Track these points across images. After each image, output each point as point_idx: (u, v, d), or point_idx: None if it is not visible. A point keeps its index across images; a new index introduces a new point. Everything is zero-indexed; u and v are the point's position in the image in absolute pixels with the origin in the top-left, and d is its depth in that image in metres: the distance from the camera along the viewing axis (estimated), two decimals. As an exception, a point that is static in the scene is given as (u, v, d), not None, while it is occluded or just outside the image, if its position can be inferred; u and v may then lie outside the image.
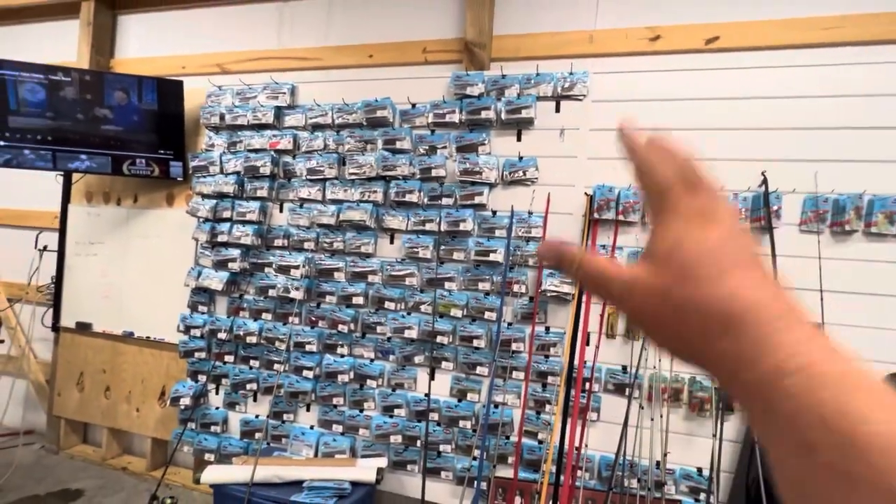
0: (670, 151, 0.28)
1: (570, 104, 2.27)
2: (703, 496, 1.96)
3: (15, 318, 3.36)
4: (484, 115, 2.28)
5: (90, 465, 2.97)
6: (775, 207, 1.96)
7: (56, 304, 3.10)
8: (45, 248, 3.07)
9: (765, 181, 1.98)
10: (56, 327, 3.12)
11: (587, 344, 2.18)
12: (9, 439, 3.13)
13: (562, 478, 2.00)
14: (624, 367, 2.15)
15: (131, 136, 2.72)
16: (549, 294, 2.15)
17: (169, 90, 2.73)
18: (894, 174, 1.90)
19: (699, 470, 2.02)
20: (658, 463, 2.01)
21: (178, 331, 2.76)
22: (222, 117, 2.74)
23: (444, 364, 2.36)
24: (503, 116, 2.27)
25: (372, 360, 2.49)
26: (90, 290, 3.05)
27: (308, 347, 2.53)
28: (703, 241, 0.26)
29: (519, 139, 2.34)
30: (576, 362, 2.11)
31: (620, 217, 2.11)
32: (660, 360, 1.98)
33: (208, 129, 2.81)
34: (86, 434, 3.24)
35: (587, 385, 2.07)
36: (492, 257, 2.26)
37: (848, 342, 0.21)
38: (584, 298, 2.13)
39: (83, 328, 3.04)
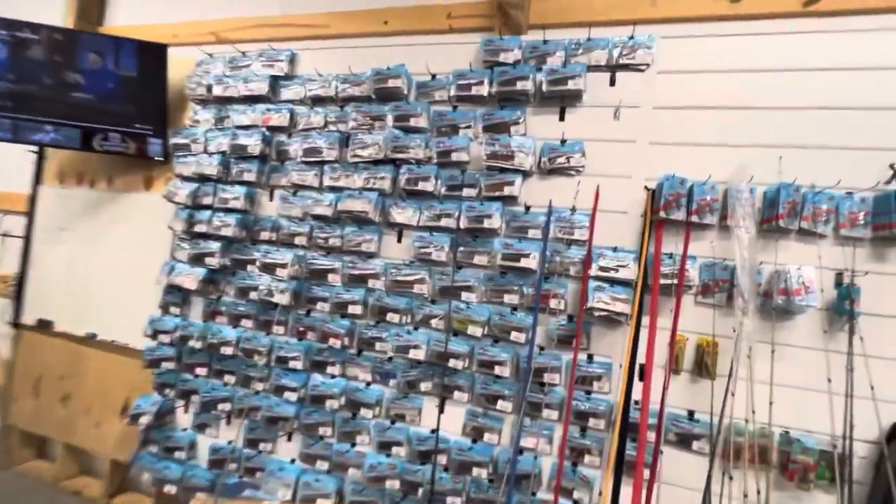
0: None
1: (629, 76, 1.82)
2: None
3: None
4: (520, 86, 1.84)
5: (40, 486, 2.56)
6: (911, 210, 1.46)
7: (18, 296, 2.73)
8: (5, 235, 2.71)
9: (895, 175, 1.49)
10: (16, 323, 2.74)
11: (640, 379, 1.69)
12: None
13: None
14: (691, 413, 1.65)
15: (105, 105, 2.34)
16: (595, 313, 1.67)
17: (151, 55, 2.36)
18: None
19: (794, 559, 1.50)
20: (739, 547, 1.50)
21: (144, 335, 2.34)
22: (210, 89, 2.35)
23: (456, 394, 1.89)
24: (544, 89, 1.82)
25: (368, 384, 2.03)
26: (55, 283, 2.67)
27: (292, 364, 2.08)
28: None
29: (562, 118, 1.89)
30: (633, 402, 1.62)
31: (694, 217, 1.63)
32: (753, 413, 1.46)
33: (194, 102, 2.43)
34: (42, 448, 2.83)
35: (643, 433, 1.56)
36: (523, 263, 1.79)
37: None
38: (643, 320, 1.65)
39: (43, 326, 2.66)
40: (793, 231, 1.58)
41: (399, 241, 2.06)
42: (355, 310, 2.03)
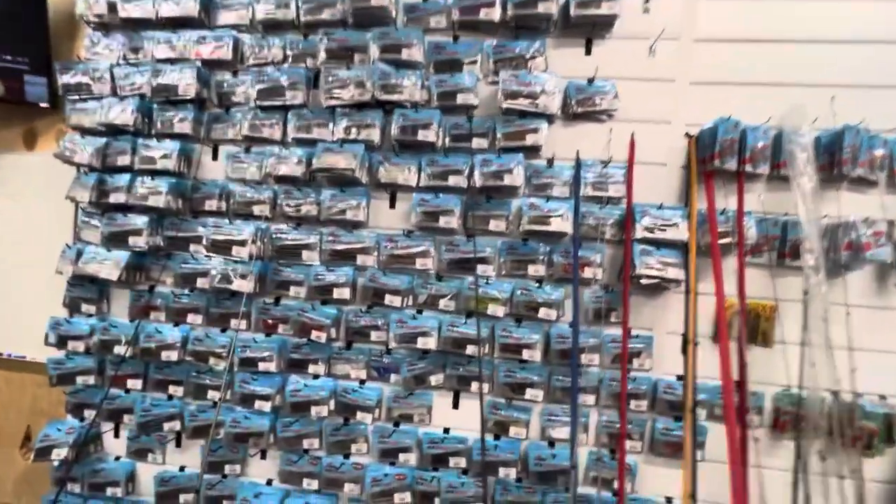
0: None
1: (666, 1, 1.54)
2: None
3: None
4: (542, 8, 1.49)
5: None
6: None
7: None
8: None
9: (954, 116, 1.39)
10: None
11: (683, 352, 1.52)
12: None
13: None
14: (738, 384, 1.50)
15: (-52, 25, 1.64)
16: (643, 281, 1.44)
17: (17, -45, 1.68)
18: None
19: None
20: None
21: (46, 343, 1.76)
22: (113, 8, 1.73)
23: (473, 385, 1.60)
24: (572, 13, 1.49)
25: (362, 383, 1.67)
26: None
27: (263, 365, 1.65)
28: None
29: (588, 52, 1.58)
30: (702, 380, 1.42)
31: (747, 167, 1.43)
32: (839, 383, 1.30)
33: (91, 26, 1.79)
34: None
35: (730, 417, 1.36)
36: (553, 226, 1.50)
37: None
38: (698, 286, 1.45)
39: None
40: (846, 179, 1.44)
41: (392, 206, 1.67)
42: (342, 293, 1.63)
